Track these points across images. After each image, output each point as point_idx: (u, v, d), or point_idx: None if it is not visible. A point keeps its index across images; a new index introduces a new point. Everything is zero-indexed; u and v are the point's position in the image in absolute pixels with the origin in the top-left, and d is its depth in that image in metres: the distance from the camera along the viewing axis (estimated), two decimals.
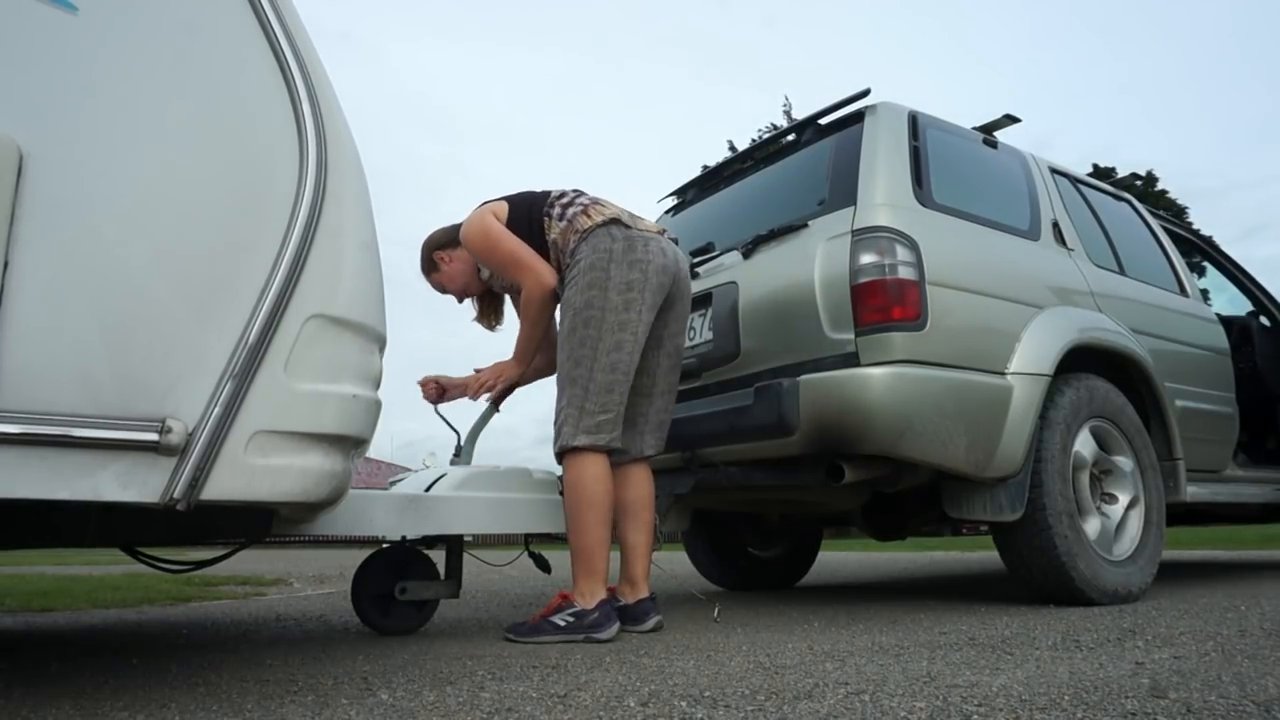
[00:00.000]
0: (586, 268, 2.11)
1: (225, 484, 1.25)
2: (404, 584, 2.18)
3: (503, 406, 2.52)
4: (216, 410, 1.24)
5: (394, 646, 1.97)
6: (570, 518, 2.08)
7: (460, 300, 2.54)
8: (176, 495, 1.20)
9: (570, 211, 2.21)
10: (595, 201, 2.26)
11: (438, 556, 2.32)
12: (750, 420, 2.40)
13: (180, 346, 1.24)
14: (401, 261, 2.67)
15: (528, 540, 2.61)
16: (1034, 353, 2.46)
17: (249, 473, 1.27)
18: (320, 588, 4.52)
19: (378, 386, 1.49)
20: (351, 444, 1.42)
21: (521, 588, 4.21)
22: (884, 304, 2.26)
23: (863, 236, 2.33)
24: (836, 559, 7.31)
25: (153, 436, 1.19)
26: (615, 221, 2.17)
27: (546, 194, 2.30)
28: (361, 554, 2.34)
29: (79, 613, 3.09)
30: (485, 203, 2.33)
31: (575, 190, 2.32)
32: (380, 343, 1.49)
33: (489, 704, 1.26)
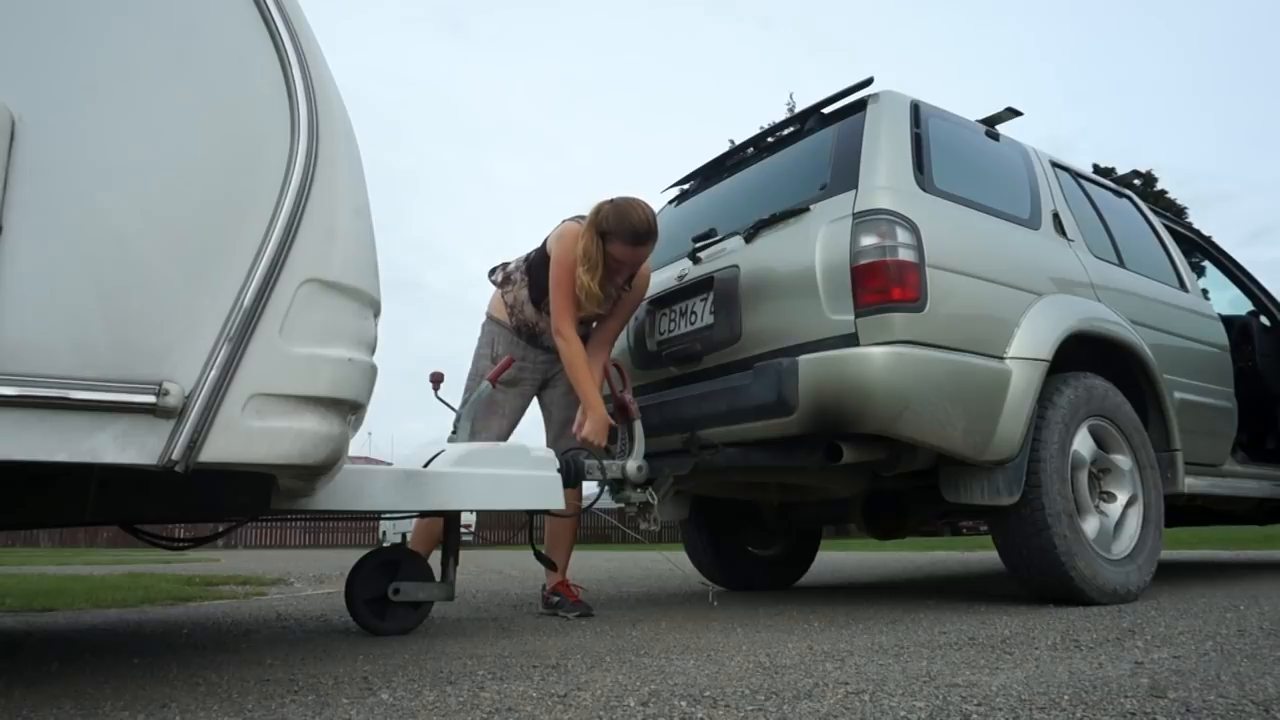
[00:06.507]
0: None
1: (223, 446, 1.25)
2: (397, 585, 2.18)
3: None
4: (213, 373, 1.25)
5: (394, 646, 1.97)
6: None
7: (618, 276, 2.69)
8: (175, 457, 1.21)
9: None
10: None
11: (433, 559, 2.32)
12: (749, 400, 2.41)
13: (175, 310, 1.25)
14: (418, 264, 2.70)
15: (533, 541, 2.61)
16: (1033, 338, 2.47)
17: (246, 435, 1.27)
18: (320, 587, 4.52)
19: (373, 351, 1.49)
20: (348, 408, 1.42)
21: (521, 588, 4.21)
22: (884, 285, 2.27)
23: (864, 219, 2.34)
24: (836, 559, 7.31)
25: (150, 399, 1.20)
26: None
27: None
28: (360, 554, 2.34)
29: (80, 612, 3.09)
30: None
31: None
32: (375, 308, 1.49)
33: (489, 704, 1.26)
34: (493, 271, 2.88)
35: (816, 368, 2.27)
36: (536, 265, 2.72)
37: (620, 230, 2.54)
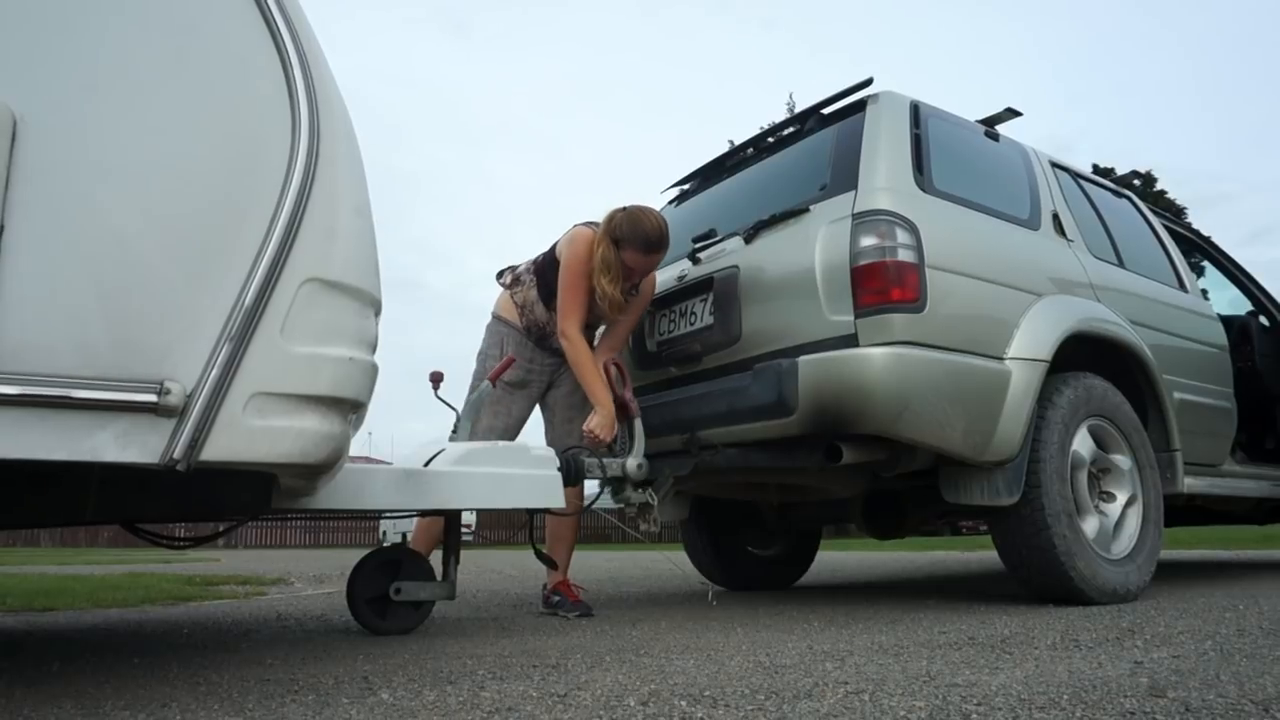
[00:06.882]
0: None
1: (224, 445, 1.26)
2: (399, 584, 2.18)
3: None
4: (214, 372, 1.25)
5: (394, 646, 1.97)
6: None
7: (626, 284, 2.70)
8: (176, 456, 1.21)
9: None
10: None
11: (434, 558, 2.32)
12: (749, 401, 2.41)
13: (176, 309, 1.25)
14: (418, 264, 2.70)
15: (533, 540, 2.62)
16: (1032, 338, 2.47)
17: (248, 434, 1.28)
18: (320, 587, 4.52)
19: (374, 350, 1.50)
20: (349, 407, 1.42)
21: (521, 587, 4.21)
22: (883, 286, 2.27)
23: (863, 220, 2.34)
24: (836, 558, 7.31)
25: (151, 398, 1.20)
26: None
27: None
28: (360, 554, 2.34)
29: (81, 612, 3.09)
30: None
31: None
32: (375, 307, 1.50)
33: (489, 703, 1.26)
34: (501, 273, 2.91)
35: (816, 368, 2.28)
36: (546, 268, 2.74)
37: (633, 238, 2.57)
